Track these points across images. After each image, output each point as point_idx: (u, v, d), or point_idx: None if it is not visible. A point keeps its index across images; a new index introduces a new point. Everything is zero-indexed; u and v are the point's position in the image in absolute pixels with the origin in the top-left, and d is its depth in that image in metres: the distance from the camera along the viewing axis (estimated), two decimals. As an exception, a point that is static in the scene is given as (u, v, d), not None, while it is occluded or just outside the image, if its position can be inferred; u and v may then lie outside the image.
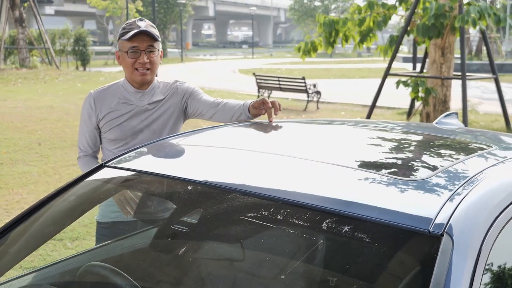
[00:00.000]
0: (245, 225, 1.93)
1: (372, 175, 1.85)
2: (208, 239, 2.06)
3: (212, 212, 2.02)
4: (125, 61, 3.00)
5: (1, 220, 6.61)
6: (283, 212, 1.79)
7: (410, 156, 2.20)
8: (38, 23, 31.26)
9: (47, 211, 2.18)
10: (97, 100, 3.06)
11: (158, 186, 2.19)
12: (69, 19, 73.43)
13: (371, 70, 36.82)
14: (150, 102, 3.06)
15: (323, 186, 1.79)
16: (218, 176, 1.96)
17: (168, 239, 2.21)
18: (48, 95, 20.09)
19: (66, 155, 10.23)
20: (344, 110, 16.70)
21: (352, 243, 1.74)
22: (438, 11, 9.80)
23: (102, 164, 2.29)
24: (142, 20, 3.03)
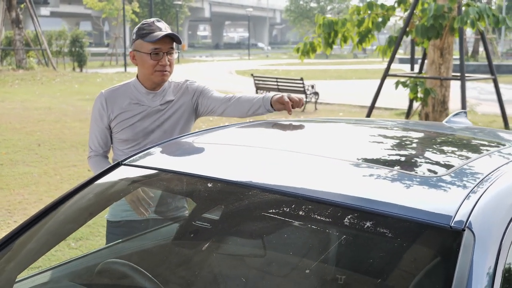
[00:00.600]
0: (267, 222, 1.95)
1: (391, 172, 1.87)
2: (229, 236, 2.08)
3: (232, 209, 2.04)
4: (145, 62, 2.98)
5: (3, 221, 6.62)
6: (305, 208, 1.81)
7: (426, 153, 2.23)
8: (35, 24, 31.24)
9: (65, 208, 2.19)
10: (109, 100, 3.06)
11: (176, 184, 2.21)
12: (65, 20, 73.34)
13: (368, 71, 36.89)
14: (162, 103, 3.06)
15: (344, 182, 1.81)
16: (238, 173, 1.97)
17: (190, 236, 2.23)
18: (45, 96, 20.09)
19: (66, 156, 10.25)
20: (342, 111, 16.73)
21: (374, 239, 1.76)
22: (437, 12, 9.83)
23: (119, 162, 2.31)
24: (160, 21, 3.03)
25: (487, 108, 15.86)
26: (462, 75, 10.22)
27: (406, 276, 1.71)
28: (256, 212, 1.95)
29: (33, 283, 2.25)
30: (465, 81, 10.26)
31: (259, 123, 2.77)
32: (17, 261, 2.15)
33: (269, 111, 2.97)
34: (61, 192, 7.85)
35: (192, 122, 3.20)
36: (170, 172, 2.13)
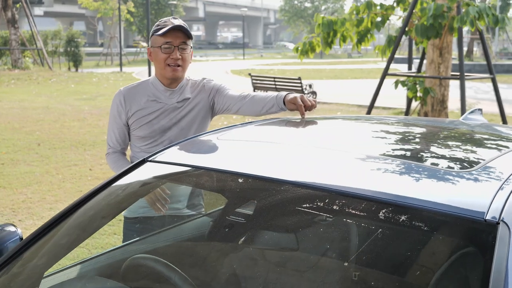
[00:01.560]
0: (301, 216, 1.97)
1: (421, 167, 1.90)
2: (265, 230, 2.09)
3: (266, 204, 2.06)
4: (158, 57, 3.01)
5: (8, 220, 6.63)
6: (340, 203, 1.84)
7: (452, 149, 2.25)
8: (31, 24, 31.20)
9: (92, 205, 2.21)
10: (127, 97, 3.08)
11: (206, 180, 2.23)
12: (58, 20, 73.16)
13: (363, 71, 36.97)
14: (179, 100, 3.08)
15: (377, 177, 1.84)
16: (268, 169, 2.00)
17: (225, 230, 2.25)
18: (42, 96, 20.07)
19: (67, 155, 10.25)
20: (340, 110, 16.77)
21: (408, 233, 1.79)
22: (437, 12, 9.85)
23: (144, 159, 2.33)
24: (176, 19, 3.05)
25: (485, 107, 15.91)
26: (462, 74, 10.25)
27: (442, 269, 1.73)
28: (290, 207, 1.97)
29: (60, 278, 2.27)
30: (464, 80, 10.29)
31: (278, 121, 2.80)
32: (44, 257, 2.17)
33: (282, 109, 2.99)
34: (64, 191, 7.87)
35: (209, 120, 3.22)
36: (200, 169, 2.15)
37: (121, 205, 2.36)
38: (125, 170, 2.32)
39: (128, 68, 37.97)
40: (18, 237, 2.28)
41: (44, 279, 2.20)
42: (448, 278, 1.70)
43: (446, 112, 11.39)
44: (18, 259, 2.11)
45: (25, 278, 2.14)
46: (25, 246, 2.11)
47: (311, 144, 2.26)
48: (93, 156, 10.20)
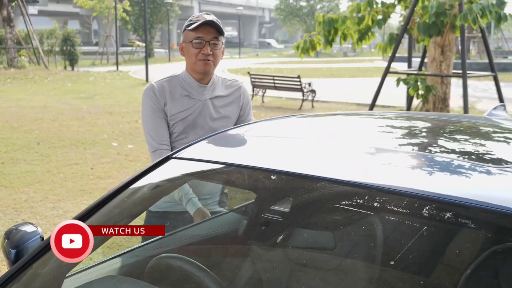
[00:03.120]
0: (340, 214, 1.91)
1: (462, 162, 1.84)
2: (303, 228, 2.04)
3: (302, 201, 2.00)
4: (189, 51, 2.99)
5: (11, 219, 6.55)
6: (381, 201, 1.78)
7: (490, 145, 2.20)
8: (26, 22, 31.07)
9: (116, 203, 2.15)
10: (159, 91, 3.03)
11: (236, 176, 2.17)
12: (53, 19, 72.85)
13: (360, 70, 36.95)
14: (212, 97, 3.06)
15: (419, 174, 1.78)
16: (299, 165, 1.94)
17: (261, 228, 2.18)
18: (40, 95, 19.97)
19: (67, 154, 10.18)
20: (340, 109, 16.73)
21: (454, 230, 1.73)
22: (439, 9, 9.81)
23: (169, 156, 2.28)
24: (209, 14, 3.04)
25: (485, 105, 15.92)
26: (464, 72, 10.22)
27: (492, 267, 1.68)
28: (328, 204, 1.91)
29: (83, 279, 2.21)
30: (466, 78, 10.26)
31: (303, 115, 2.75)
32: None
33: None
34: (66, 190, 7.81)
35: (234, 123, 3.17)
36: (228, 165, 2.09)
37: (145, 203, 2.29)
38: (149, 167, 2.26)
39: (124, 67, 37.82)
40: (39, 236, 2.21)
41: (66, 279, 2.14)
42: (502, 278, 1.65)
43: (447, 110, 11.36)
44: (40, 259, 2.04)
45: (48, 280, 2.08)
46: (47, 246, 2.04)
47: (342, 139, 2.21)
48: (93, 155, 10.13)
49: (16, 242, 2.16)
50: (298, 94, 18.01)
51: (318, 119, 2.70)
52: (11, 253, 2.13)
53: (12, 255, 2.13)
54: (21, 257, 2.12)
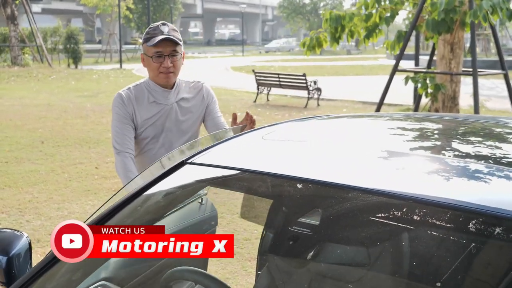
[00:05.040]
0: (375, 228, 1.76)
1: (497, 169, 1.69)
2: (336, 243, 1.88)
3: (333, 213, 1.85)
4: (150, 65, 3.12)
5: (15, 220, 6.43)
6: (419, 212, 1.63)
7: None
8: (30, 20, 30.99)
9: (129, 211, 2.01)
10: (127, 99, 3.17)
11: (255, 184, 2.03)
12: (56, 17, 72.80)
13: (364, 67, 36.76)
14: (177, 100, 3.20)
15: (461, 183, 1.63)
16: (326, 173, 1.79)
17: (289, 243, 2.03)
18: (43, 93, 19.86)
19: (71, 153, 10.05)
20: (346, 107, 16.57)
21: (506, 247, 1.58)
22: (448, 6, 9.66)
23: (183, 161, 2.14)
24: (165, 25, 3.13)
25: (497, 104, 15.80)
26: (474, 70, 10.06)
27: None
28: (362, 216, 1.76)
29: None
30: (477, 76, 10.10)
31: (324, 118, 2.59)
32: (79, 271, 1.98)
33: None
34: (71, 190, 7.68)
35: (201, 122, 3.36)
36: (248, 172, 1.94)
37: (160, 210, 2.15)
38: (163, 173, 2.12)
39: (127, 65, 37.71)
40: (27, 243, 2.10)
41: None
42: None
43: (457, 109, 11.21)
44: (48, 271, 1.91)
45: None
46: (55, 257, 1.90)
47: (369, 144, 2.06)
48: (98, 154, 10.00)
49: (4, 248, 2.03)
50: (303, 92, 17.86)
51: (340, 121, 2.54)
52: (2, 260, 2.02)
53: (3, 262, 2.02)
54: (13, 264, 2.01)
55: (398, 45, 11.27)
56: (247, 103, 17.61)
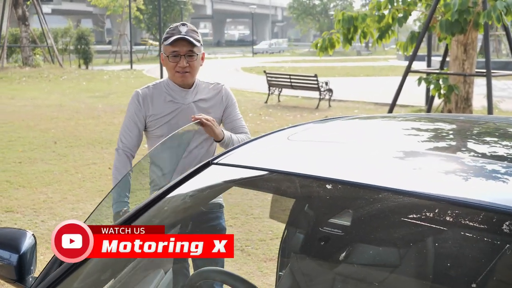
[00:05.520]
0: (409, 229, 1.75)
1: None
2: (369, 244, 1.87)
3: (362, 214, 1.84)
4: (167, 64, 3.17)
5: (30, 221, 6.45)
6: (451, 213, 1.62)
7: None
8: (41, 21, 31.09)
9: (156, 212, 2.01)
10: (144, 98, 3.22)
11: (283, 185, 2.02)
12: (66, 17, 73.00)
13: (375, 68, 36.68)
14: (195, 100, 3.20)
15: (488, 183, 1.61)
16: (356, 174, 1.78)
17: (320, 244, 2.02)
18: (55, 94, 19.92)
19: (84, 153, 10.08)
20: (357, 108, 16.53)
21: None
22: (462, 7, 9.61)
23: (209, 161, 2.13)
24: (184, 25, 3.15)
25: (509, 105, 15.73)
26: (488, 71, 10.02)
27: None
28: (393, 217, 1.75)
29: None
30: (491, 77, 10.06)
31: (351, 118, 2.58)
32: (107, 272, 1.98)
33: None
34: (85, 190, 7.69)
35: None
36: (276, 173, 1.93)
37: (186, 211, 2.14)
38: (189, 173, 2.11)
39: (138, 66, 37.79)
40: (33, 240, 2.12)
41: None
42: None
43: (470, 110, 11.16)
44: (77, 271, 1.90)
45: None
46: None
47: (397, 145, 2.04)
48: (111, 154, 10.00)
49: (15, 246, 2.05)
50: (314, 93, 17.84)
51: (363, 122, 2.53)
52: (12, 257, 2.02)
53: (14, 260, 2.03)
54: (24, 262, 2.04)
55: (411, 46, 11.22)
56: (258, 104, 17.60)
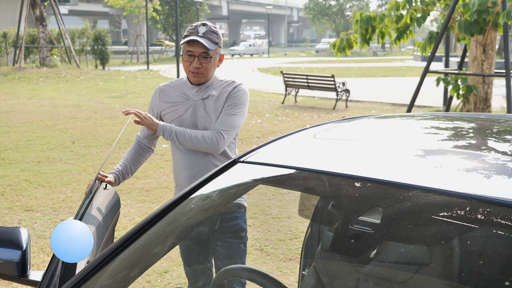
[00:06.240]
0: (439, 227, 1.74)
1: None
2: (399, 241, 1.86)
3: (392, 212, 1.83)
4: (183, 63, 3.20)
5: (50, 220, 6.48)
6: (482, 211, 1.60)
7: None
8: (58, 22, 31.25)
9: (183, 210, 2.01)
10: (162, 92, 3.32)
11: (311, 183, 2.01)
12: (82, 18, 73.42)
13: (392, 69, 36.56)
14: (204, 97, 3.21)
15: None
16: (383, 172, 1.77)
17: (351, 241, 2.01)
18: (72, 94, 20.03)
19: (102, 153, 10.12)
20: (374, 109, 16.48)
21: None
22: (481, 7, 9.55)
23: (235, 160, 2.13)
24: (205, 25, 3.16)
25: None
26: (507, 71, 9.93)
27: None
28: (424, 215, 1.74)
29: None
30: (510, 77, 9.98)
31: (376, 117, 2.56)
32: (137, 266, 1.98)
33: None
34: (103, 190, 7.70)
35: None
36: (303, 171, 1.92)
37: (212, 209, 2.14)
38: (215, 172, 2.12)
39: (154, 66, 37.94)
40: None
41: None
42: None
43: (489, 110, 11.11)
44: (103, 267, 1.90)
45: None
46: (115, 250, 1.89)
47: (424, 143, 2.03)
48: (129, 154, 10.03)
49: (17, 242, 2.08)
50: (331, 94, 17.81)
51: (388, 121, 2.51)
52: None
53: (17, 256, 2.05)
54: (26, 257, 2.07)
55: (430, 46, 11.17)
56: (275, 104, 17.59)
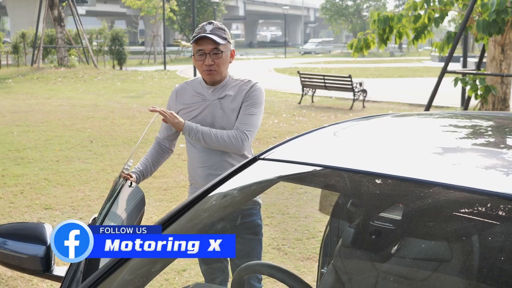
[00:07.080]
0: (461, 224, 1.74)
1: None
2: (420, 238, 1.87)
3: (413, 209, 1.84)
4: (196, 63, 3.21)
5: (69, 218, 6.53)
6: (504, 208, 1.60)
7: None
8: (76, 22, 31.49)
9: (204, 206, 2.03)
10: (179, 93, 3.34)
11: (332, 180, 2.02)
12: (100, 19, 73.81)
13: (408, 69, 36.42)
14: (221, 97, 3.21)
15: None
16: (405, 169, 1.78)
17: (371, 237, 2.02)
18: (90, 94, 20.16)
19: (120, 153, 10.17)
20: (392, 109, 16.43)
21: None
22: (500, 7, 9.50)
23: (256, 157, 2.15)
24: (210, 24, 3.17)
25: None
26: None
27: None
28: (445, 212, 1.74)
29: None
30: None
31: (397, 115, 2.57)
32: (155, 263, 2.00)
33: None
34: (121, 189, 7.75)
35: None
36: (324, 168, 1.94)
37: (233, 206, 2.16)
38: (236, 168, 2.13)
39: (171, 66, 38.08)
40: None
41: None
42: None
43: (508, 110, 11.03)
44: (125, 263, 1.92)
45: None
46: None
47: (445, 142, 2.03)
48: (146, 154, 10.08)
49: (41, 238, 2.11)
50: (348, 94, 17.79)
51: (409, 119, 2.52)
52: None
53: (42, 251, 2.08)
54: (50, 253, 2.10)
55: (447, 46, 11.13)
56: (292, 104, 17.60)
